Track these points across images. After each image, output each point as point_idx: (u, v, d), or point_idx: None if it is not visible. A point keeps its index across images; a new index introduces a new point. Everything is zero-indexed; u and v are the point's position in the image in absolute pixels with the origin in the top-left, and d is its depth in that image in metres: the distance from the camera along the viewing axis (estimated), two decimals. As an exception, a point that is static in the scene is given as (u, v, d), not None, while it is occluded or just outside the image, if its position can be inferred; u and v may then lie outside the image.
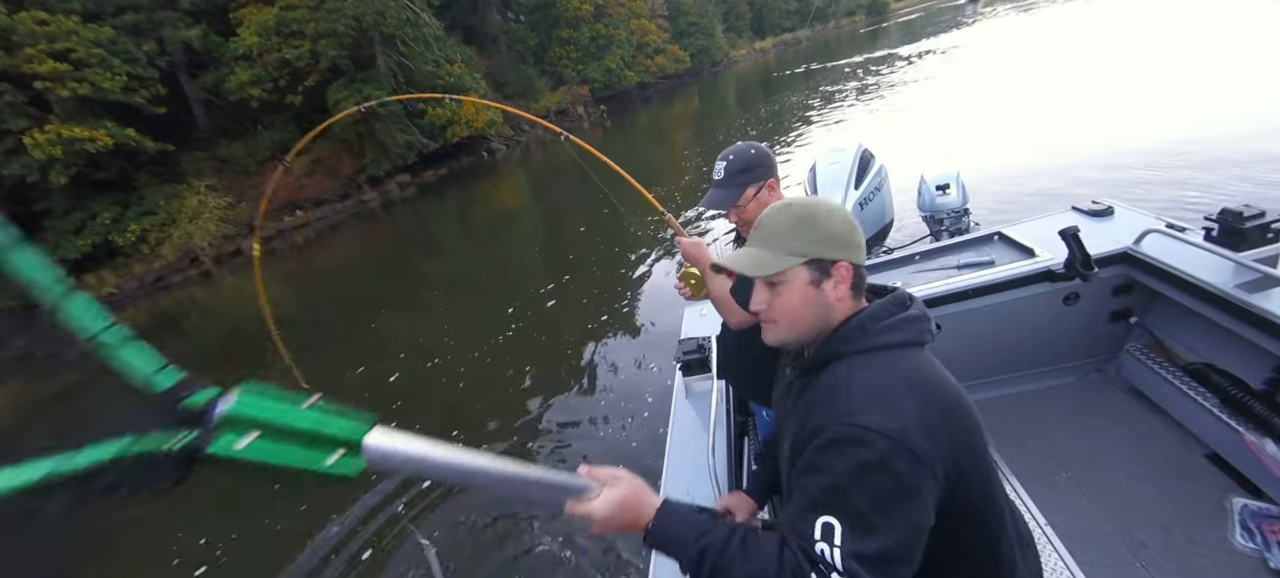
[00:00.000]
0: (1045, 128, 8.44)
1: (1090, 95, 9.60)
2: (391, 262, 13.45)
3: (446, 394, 5.67)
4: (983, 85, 13.81)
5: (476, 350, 6.51)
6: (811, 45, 45.19)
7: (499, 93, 27.85)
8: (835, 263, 0.84)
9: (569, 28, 31.51)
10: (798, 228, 0.85)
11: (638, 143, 21.80)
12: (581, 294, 7.34)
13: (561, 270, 8.48)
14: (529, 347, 6.19)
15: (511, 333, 6.68)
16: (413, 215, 18.29)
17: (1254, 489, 1.82)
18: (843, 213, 0.88)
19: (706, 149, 14.92)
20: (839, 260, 0.84)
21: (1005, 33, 22.56)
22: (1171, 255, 2.01)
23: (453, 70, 22.10)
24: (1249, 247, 1.88)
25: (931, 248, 2.73)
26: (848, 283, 0.85)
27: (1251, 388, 1.83)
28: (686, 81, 37.16)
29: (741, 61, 44.39)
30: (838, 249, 0.85)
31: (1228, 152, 5.63)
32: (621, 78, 32.14)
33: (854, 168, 3.54)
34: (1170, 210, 3.12)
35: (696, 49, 38.91)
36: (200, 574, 3.92)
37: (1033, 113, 9.61)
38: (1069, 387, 2.43)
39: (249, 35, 18.44)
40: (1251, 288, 1.74)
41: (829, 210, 0.86)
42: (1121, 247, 2.17)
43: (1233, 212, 1.93)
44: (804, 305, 0.85)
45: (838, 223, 0.86)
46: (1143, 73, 10.07)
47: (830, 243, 0.84)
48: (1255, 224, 1.88)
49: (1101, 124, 7.78)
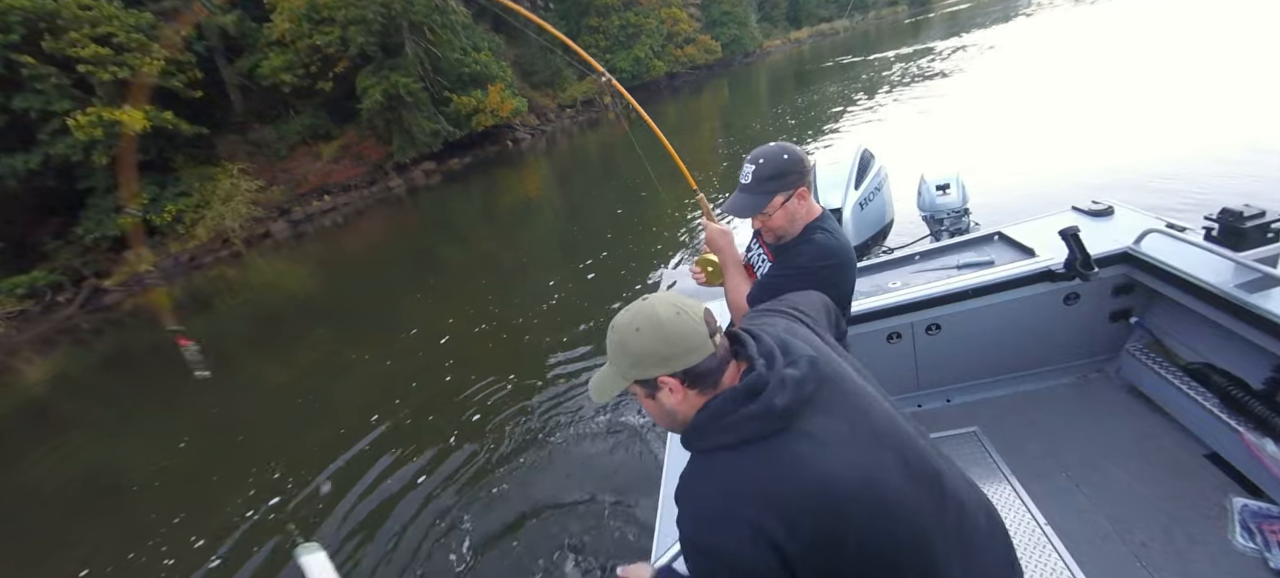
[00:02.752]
0: (1050, 127, 8.39)
1: (1099, 94, 9.52)
2: (414, 249, 13.55)
3: (456, 380, 5.61)
4: (1003, 85, 13.18)
5: (488, 335, 6.49)
6: (849, 36, 43.71)
7: (526, 81, 27.78)
8: (655, 380, 0.86)
9: (599, 16, 31.17)
10: (618, 355, 0.89)
11: (666, 133, 21.40)
12: (600, 281, 7.25)
13: (579, 258, 8.34)
14: (544, 330, 6.13)
15: (523, 321, 6.61)
16: (436, 202, 18.41)
17: (1254, 489, 1.82)
18: (652, 327, 0.85)
19: (738, 141, 14.50)
20: (657, 377, 0.85)
21: (1050, 28, 21.20)
22: (1171, 255, 2.01)
23: (479, 58, 22.08)
24: (1249, 246, 1.88)
25: (931, 248, 2.74)
26: (679, 392, 0.86)
27: (1251, 388, 1.83)
28: (717, 72, 36.44)
29: (775, 52, 43.26)
30: (652, 367, 0.85)
31: (1227, 151, 5.59)
32: (650, 68, 31.67)
33: (854, 169, 3.73)
34: (1170, 210, 3.08)
35: (729, 39, 38.10)
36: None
37: (1041, 113, 9.47)
38: (1069, 387, 2.43)
39: (281, 21, 18.75)
40: (1251, 288, 1.74)
41: (636, 331, 0.86)
42: (1121, 247, 2.17)
43: (1233, 211, 1.93)
44: (658, 414, 0.92)
45: (645, 343, 0.85)
46: (1151, 72, 10.03)
47: (642, 364, 0.86)
48: (1255, 224, 1.88)
49: (1102, 123, 7.76)
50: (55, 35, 14.68)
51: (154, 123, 16.07)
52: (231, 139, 20.22)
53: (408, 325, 7.68)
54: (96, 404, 9.36)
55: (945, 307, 2.30)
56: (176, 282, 16.06)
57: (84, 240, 16.48)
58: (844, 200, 3.60)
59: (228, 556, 3.86)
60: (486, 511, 3.47)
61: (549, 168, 20.08)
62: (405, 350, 6.77)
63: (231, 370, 8.39)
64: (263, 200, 18.87)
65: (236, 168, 18.71)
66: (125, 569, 4.03)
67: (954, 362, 2.45)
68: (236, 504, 4.37)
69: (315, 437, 5.12)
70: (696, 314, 0.86)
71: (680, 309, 0.85)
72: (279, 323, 10.48)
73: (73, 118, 14.84)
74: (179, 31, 15.65)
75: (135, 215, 15.34)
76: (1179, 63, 10.16)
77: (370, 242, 15.61)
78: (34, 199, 16.44)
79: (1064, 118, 8.72)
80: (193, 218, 17.57)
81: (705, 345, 0.85)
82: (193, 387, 7.89)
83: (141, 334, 12.70)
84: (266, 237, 18.34)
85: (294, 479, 4.53)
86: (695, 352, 0.84)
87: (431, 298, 9.00)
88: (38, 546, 4.87)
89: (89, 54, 14.79)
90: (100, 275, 16.33)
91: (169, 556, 4.06)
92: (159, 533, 4.35)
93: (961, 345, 2.38)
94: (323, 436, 5.05)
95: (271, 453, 5.01)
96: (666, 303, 0.85)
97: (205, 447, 5.96)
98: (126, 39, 15.51)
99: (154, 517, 4.59)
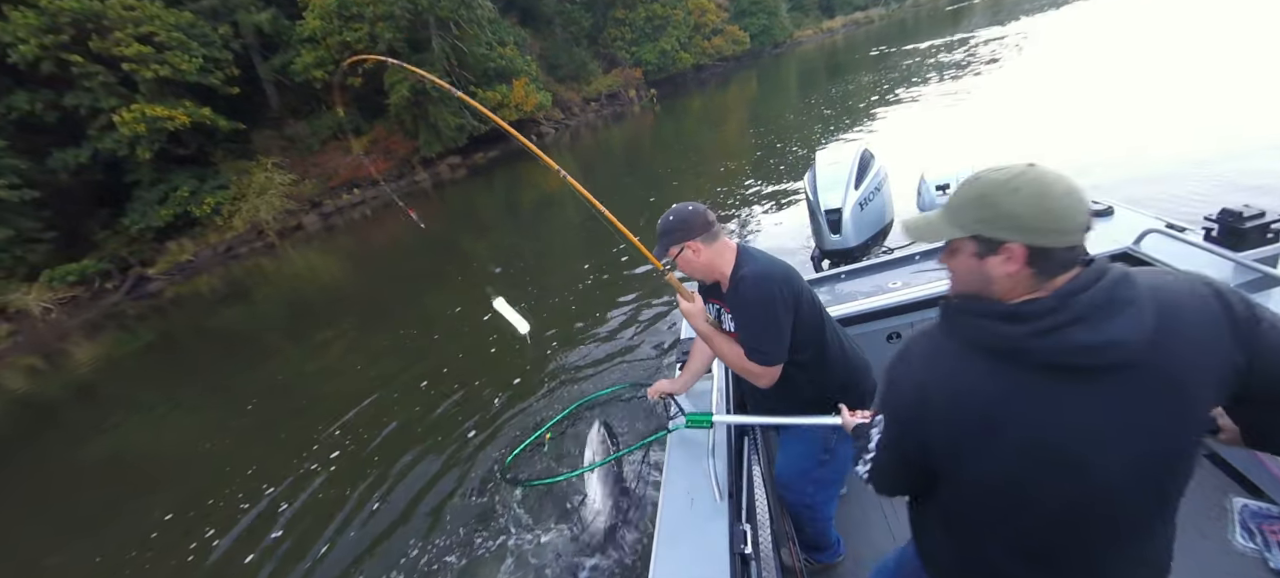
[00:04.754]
0: (1058, 126, 8.14)
1: (1108, 93, 9.18)
2: (437, 241, 13.76)
3: (472, 368, 5.72)
4: (1029, 80, 12.45)
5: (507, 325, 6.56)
6: (885, 25, 42.24)
7: (551, 75, 27.84)
8: (1002, 243, 0.84)
9: (624, 8, 30.96)
10: (971, 205, 0.86)
11: (690, 127, 21.14)
12: (616, 275, 7.20)
13: (595, 252, 8.31)
14: (560, 325, 6.12)
15: (546, 316, 6.61)
16: (462, 196, 18.65)
17: (1254, 489, 1.83)
18: (1036, 194, 0.80)
19: (771, 132, 14.09)
20: (1007, 240, 0.83)
21: (1098, 19, 19.92)
22: (1171, 255, 2.02)
23: (504, 53, 22.21)
24: (1249, 247, 1.88)
25: (931, 248, 2.67)
26: (1017, 265, 0.84)
27: None
28: (744, 64, 35.78)
29: (806, 43, 42.22)
30: (1008, 230, 0.83)
31: (1227, 150, 5.48)
32: (676, 60, 31.32)
33: (854, 169, 3.56)
34: (1170, 210, 3.03)
35: (758, 29, 37.35)
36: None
37: (1059, 110, 9.08)
38: None
39: (313, 19, 19.21)
40: (1251, 288, 1.73)
41: (1014, 191, 0.82)
42: (1121, 247, 2.17)
43: (1232, 212, 1.92)
44: (964, 272, 0.93)
45: (1019, 205, 0.81)
46: (1158, 70, 9.60)
47: (998, 223, 0.84)
48: (1255, 224, 1.88)
49: (1104, 122, 7.57)
50: (102, 35, 15.39)
51: (194, 119, 16.72)
52: (267, 134, 20.90)
53: (427, 317, 7.85)
54: (141, 386, 9.83)
55: None
56: (216, 271, 16.75)
57: (130, 231, 17.32)
58: (844, 200, 3.48)
59: (267, 531, 3.99)
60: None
61: (573, 161, 20.07)
62: (431, 336, 6.97)
63: (270, 354, 8.74)
64: (295, 194, 19.47)
65: (270, 162, 19.35)
66: (171, 543, 4.20)
67: None
68: (276, 480, 4.54)
69: (348, 415, 5.32)
70: (1084, 204, 0.80)
71: (1071, 190, 0.80)
72: (310, 311, 10.82)
73: (118, 114, 15.55)
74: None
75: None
76: (1189, 62, 9.63)
77: (395, 234, 15.94)
78: (84, 191, 17.35)
79: (1077, 114, 8.40)
80: (230, 210, 18.26)
81: (1075, 235, 0.80)
82: (231, 371, 8.30)
83: (183, 320, 13.31)
84: (299, 228, 18.92)
85: (338, 453, 4.71)
86: (1063, 235, 0.80)
87: (446, 291, 9.10)
88: (89, 517, 5.14)
89: (133, 52, 15.47)
90: (145, 264, 17.14)
91: (212, 526, 4.22)
92: (205, 506, 4.53)
93: None
94: (357, 414, 5.29)
95: (309, 431, 5.17)
96: (1059, 178, 0.80)
97: (245, 426, 6.20)
98: (167, 37, 16.14)
99: (196, 491, 4.79)
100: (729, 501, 1.57)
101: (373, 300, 10.20)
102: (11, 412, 10.30)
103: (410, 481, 4.03)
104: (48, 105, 15.72)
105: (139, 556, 4.17)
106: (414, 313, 8.40)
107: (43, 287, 15.42)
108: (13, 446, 8.29)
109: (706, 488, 1.63)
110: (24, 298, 15.15)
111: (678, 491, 1.72)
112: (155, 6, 16.19)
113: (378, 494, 4.00)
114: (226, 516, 4.29)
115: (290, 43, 20.19)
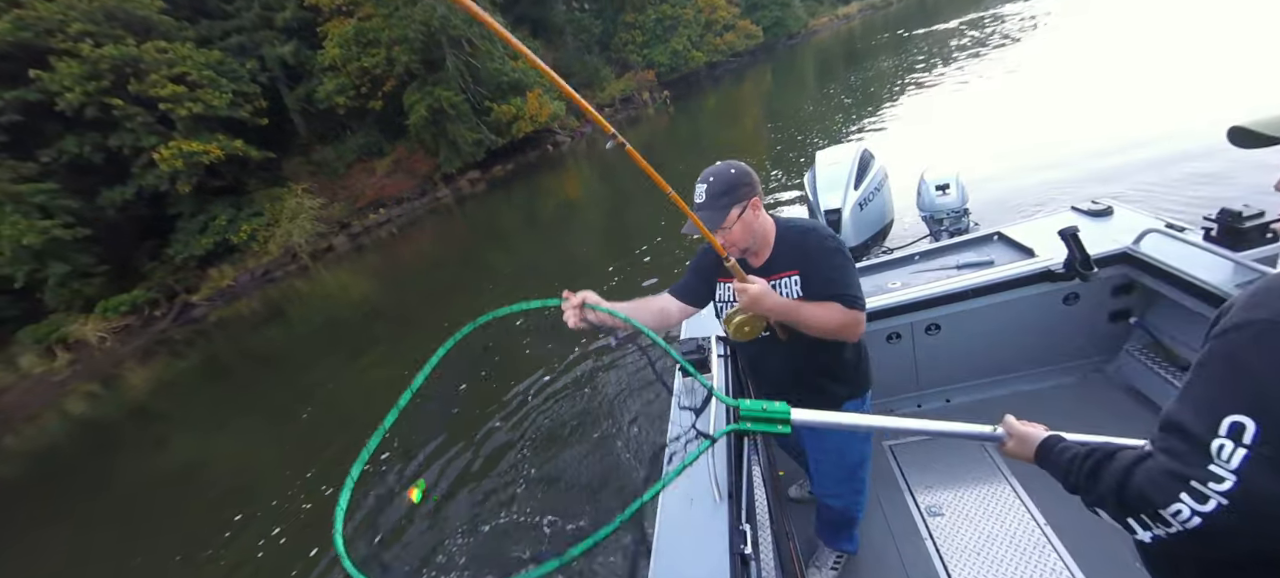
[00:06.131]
0: (1062, 122, 7.82)
1: (1108, 89, 8.71)
2: (462, 256, 14.10)
3: (490, 365, 5.90)
4: (1057, 59, 11.81)
5: (526, 335, 6.73)
6: (902, 8, 41.20)
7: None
8: None
9: (634, 11, 31.01)
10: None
11: (706, 126, 21.06)
12: (632, 279, 7.33)
13: (614, 259, 8.43)
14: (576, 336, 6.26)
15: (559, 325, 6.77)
16: (483, 210, 19.03)
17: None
18: None
19: (790, 125, 13.84)
20: None
21: None
22: (1171, 255, 2.02)
23: (517, 66, 22.53)
24: (1248, 246, 1.87)
25: (931, 248, 2.75)
26: None
27: None
28: (759, 58, 35.36)
29: (821, 31, 41.48)
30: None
31: (1226, 150, 4.63)
32: (688, 59, 31.17)
33: (853, 169, 3.59)
34: (1170, 210, 3.02)
35: (771, 21, 36.83)
36: None
37: (1068, 104, 8.62)
38: (1069, 387, 2.45)
39: (333, 48, 19.89)
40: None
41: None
42: (1121, 247, 2.17)
43: (1232, 211, 1.91)
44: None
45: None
46: (1157, 68, 8.99)
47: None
48: (1255, 224, 1.87)
49: (1103, 121, 7.27)
50: (139, 77, 16.28)
51: (227, 151, 17.50)
52: (296, 161, 21.74)
53: (462, 322, 8.12)
54: (193, 405, 10.41)
55: (945, 307, 2.32)
56: (254, 295, 17.50)
57: (175, 260, 18.25)
58: (843, 201, 3.49)
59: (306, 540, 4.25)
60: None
61: (589, 169, 20.27)
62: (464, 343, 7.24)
63: (308, 369, 9.14)
64: (325, 216, 20.18)
65: (300, 188, 20.10)
66: (245, 543, 4.55)
67: (953, 362, 2.49)
68: (334, 481, 4.82)
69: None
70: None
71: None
72: (345, 327, 11.27)
73: (158, 151, 16.41)
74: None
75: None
76: (1188, 59, 9.00)
77: (420, 250, 16.37)
78: (131, 226, 18.36)
79: (1073, 114, 8.05)
80: (265, 235, 19.05)
81: None
82: (274, 387, 8.71)
83: (227, 342, 13.98)
84: (329, 250, 19.61)
85: (387, 454, 4.97)
86: None
87: (475, 299, 9.35)
88: (162, 523, 5.62)
89: (168, 93, 16.32)
90: (189, 291, 18.03)
91: (278, 525, 4.55)
92: (269, 507, 4.88)
93: (961, 346, 2.41)
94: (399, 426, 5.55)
95: (358, 437, 5.38)
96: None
97: (287, 440, 6.59)
98: (199, 76, 16.96)
99: (259, 496, 5.15)
100: (729, 501, 1.57)
101: (403, 315, 10.52)
102: (79, 434, 11.05)
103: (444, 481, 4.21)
104: (94, 147, 16.72)
105: (215, 554, 4.55)
106: (442, 321, 8.60)
107: (98, 317, 16.40)
108: (85, 463, 8.94)
109: (706, 488, 1.63)
110: (82, 328, 16.15)
111: (677, 491, 1.72)
112: (186, 48, 17.04)
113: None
114: (290, 515, 4.61)
115: (313, 71, 20.94)
